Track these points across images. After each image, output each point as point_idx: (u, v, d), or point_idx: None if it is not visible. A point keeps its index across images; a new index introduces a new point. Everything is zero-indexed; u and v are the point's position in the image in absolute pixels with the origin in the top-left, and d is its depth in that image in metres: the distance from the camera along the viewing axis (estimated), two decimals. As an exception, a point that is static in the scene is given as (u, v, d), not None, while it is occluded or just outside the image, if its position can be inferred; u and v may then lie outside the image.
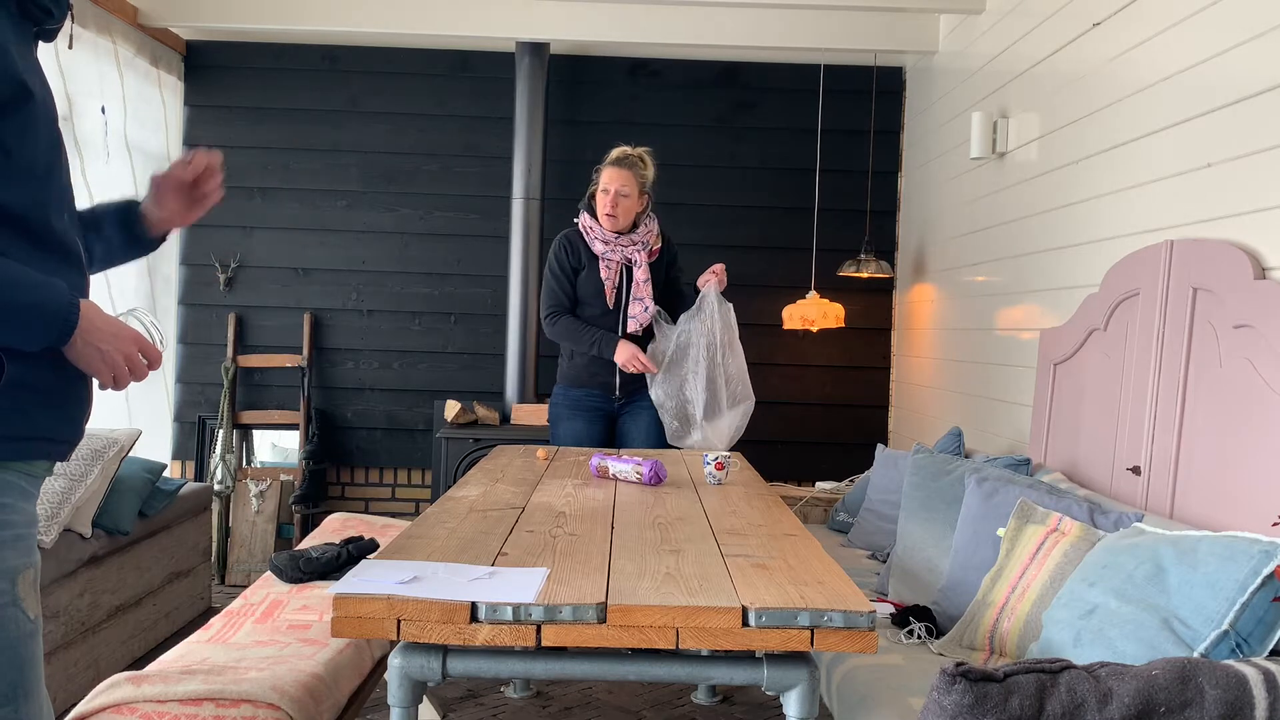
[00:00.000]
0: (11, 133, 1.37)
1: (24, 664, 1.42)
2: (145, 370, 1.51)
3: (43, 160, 1.42)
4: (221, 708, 2.00)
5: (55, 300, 1.38)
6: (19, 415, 1.40)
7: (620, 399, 3.83)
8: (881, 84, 5.39)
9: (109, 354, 1.45)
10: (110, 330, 1.45)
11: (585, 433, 3.84)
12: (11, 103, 1.37)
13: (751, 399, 3.68)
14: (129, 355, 1.48)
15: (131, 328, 1.50)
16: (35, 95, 1.41)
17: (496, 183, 5.36)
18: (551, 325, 3.79)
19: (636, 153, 3.73)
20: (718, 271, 3.78)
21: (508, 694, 3.44)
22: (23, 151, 1.39)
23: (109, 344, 1.45)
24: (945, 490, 2.94)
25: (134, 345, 1.48)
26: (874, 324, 5.48)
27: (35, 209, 1.41)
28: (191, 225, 5.36)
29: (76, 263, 1.50)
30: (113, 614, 3.45)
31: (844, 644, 1.69)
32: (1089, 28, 3.27)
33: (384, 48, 5.37)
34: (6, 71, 1.36)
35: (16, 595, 1.41)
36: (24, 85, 1.38)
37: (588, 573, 1.89)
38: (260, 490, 5.17)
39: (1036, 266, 3.63)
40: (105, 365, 1.45)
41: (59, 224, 1.46)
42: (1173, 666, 1.48)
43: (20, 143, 1.38)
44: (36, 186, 1.42)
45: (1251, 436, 2.31)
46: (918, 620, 2.53)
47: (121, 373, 1.48)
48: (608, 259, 3.74)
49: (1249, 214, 2.41)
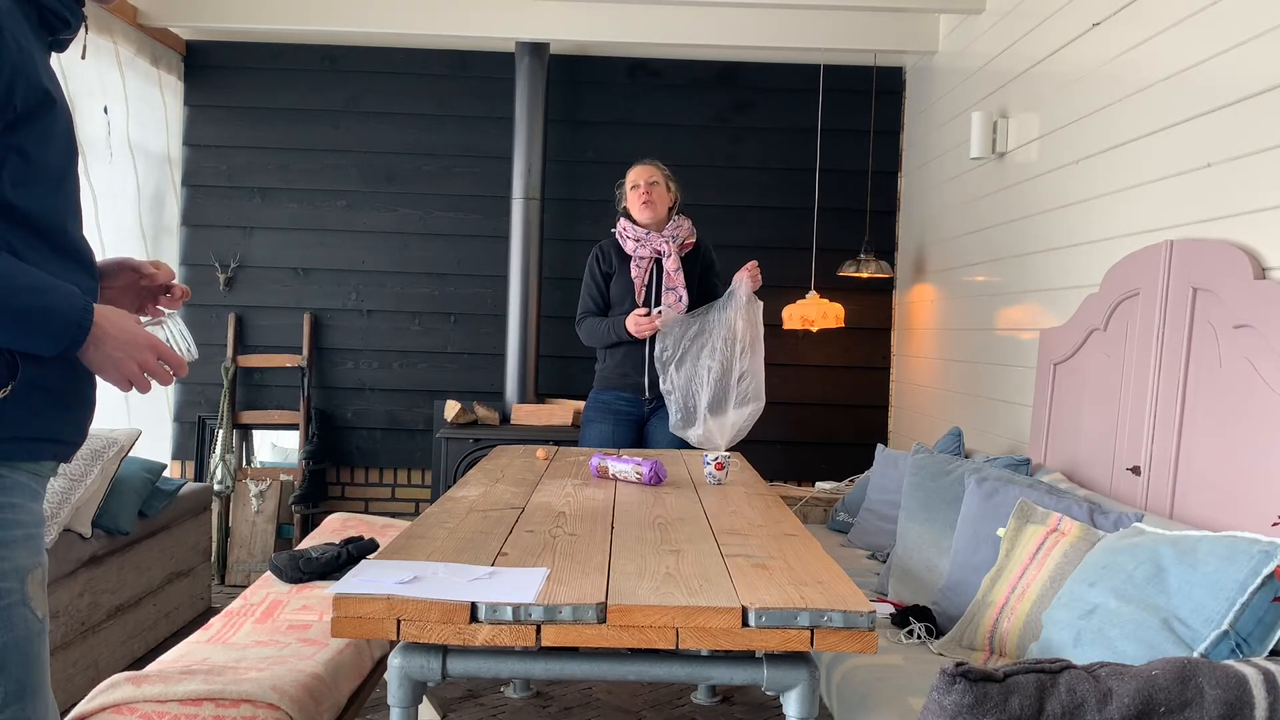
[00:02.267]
0: (33, 140, 1.39)
1: (32, 662, 1.43)
2: (168, 376, 1.50)
3: (60, 166, 1.45)
4: (221, 708, 2.00)
5: (69, 305, 1.39)
6: (30, 416, 1.41)
7: (650, 400, 3.83)
8: (881, 84, 5.38)
9: (123, 361, 1.45)
10: (125, 337, 1.45)
11: (610, 435, 3.85)
12: (35, 111, 1.39)
13: (762, 401, 3.64)
14: (145, 362, 1.47)
15: (149, 333, 1.49)
16: (57, 103, 1.43)
17: (496, 183, 5.35)
18: (579, 327, 3.91)
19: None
20: (751, 269, 3.77)
21: (508, 694, 3.44)
22: (42, 158, 1.41)
23: (123, 351, 1.44)
24: (945, 490, 2.94)
25: (150, 352, 1.48)
26: (874, 324, 5.48)
27: (52, 214, 1.43)
28: (192, 225, 5.38)
29: (89, 268, 1.51)
30: (113, 614, 3.45)
31: (844, 644, 1.69)
32: (1089, 28, 3.27)
33: (384, 48, 5.37)
34: (31, 81, 1.38)
35: (26, 595, 1.42)
36: (48, 94, 1.41)
37: (588, 573, 1.89)
38: (260, 490, 5.17)
39: (1036, 266, 3.63)
40: (119, 372, 1.46)
41: (74, 229, 1.48)
42: (1172, 666, 1.48)
43: (41, 150, 1.40)
44: (54, 192, 1.44)
45: (1251, 436, 2.31)
46: (918, 620, 2.53)
47: (138, 380, 1.47)
48: (639, 257, 3.81)
49: (1249, 214, 2.41)
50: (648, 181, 3.79)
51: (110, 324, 1.44)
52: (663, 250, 3.80)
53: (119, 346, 1.44)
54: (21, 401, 1.40)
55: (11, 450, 1.41)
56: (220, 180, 5.38)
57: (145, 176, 4.94)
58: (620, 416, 3.85)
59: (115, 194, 4.61)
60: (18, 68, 1.37)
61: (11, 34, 1.36)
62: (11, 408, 1.39)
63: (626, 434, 3.86)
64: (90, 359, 1.44)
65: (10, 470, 1.41)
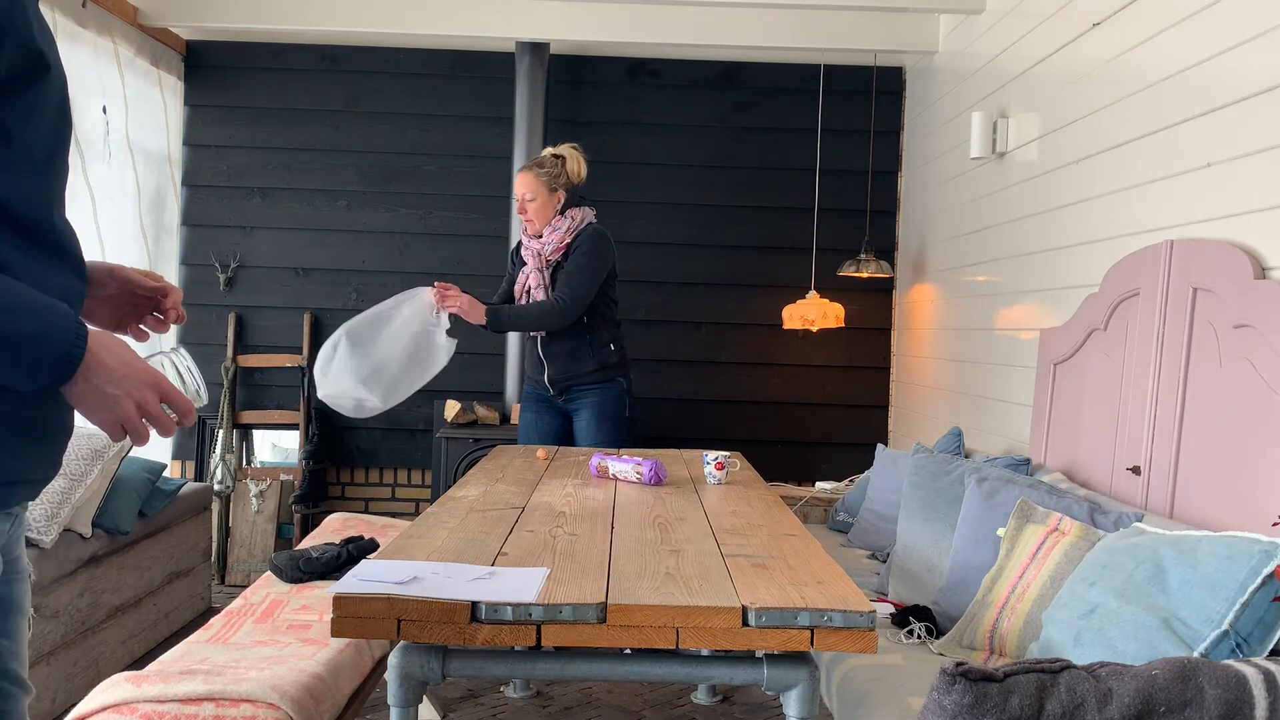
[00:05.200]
0: (16, 114, 1.12)
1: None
2: (169, 424, 1.21)
3: (45, 146, 1.18)
4: (221, 708, 2.00)
5: (58, 329, 1.11)
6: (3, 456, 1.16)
7: (558, 395, 3.81)
8: (881, 84, 5.38)
9: (119, 400, 1.16)
10: (122, 370, 1.16)
11: (535, 423, 3.88)
12: (23, 76, 1.12)
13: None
14: (145, 401, 1.18)
15: (151, 368, 1.20)
16: (51, 69, 1.16)
17: (496, 183, 5.36)
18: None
19: (550, 154, 3.72)
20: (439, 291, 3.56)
21: (508, 694, 3.44)
22: (25, 136, 1.14)
23: (120, 387, 1.15)
24: (945, 490, 2.94)
25: (151, 390, 1.18)
26: (874, 324, 5.48)
27: (35, 204, 1.17)
28: (192, 225, 5.38)
29: (75, 265, 1.24)
30: (113, 614, 3.45)
31: (844, 644, 1.69)
32: (1088, 28, 3.27)
33: (384, 48, 5.37)
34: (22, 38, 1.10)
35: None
36: (41, 56, 1.13)
37: (588, 573, 1.89)
38: (260, 490, 5.17)
39: (1036, 266, 3.63)
40: (112, 413, 1.16)
41: (59, 219, 1.22)
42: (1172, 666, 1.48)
43: (24, 126, 1.14)
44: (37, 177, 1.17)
45: (1251, 436, 2.31)
46: (918, 620, 2.53)
47: (133, 424, 1.17)
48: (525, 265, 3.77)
49: (1249, 214, 2.41)
50: (523, 198, 3.66)
51: (106, 352, 1.15)
52: (530, 264, 3.72)
53: (115, 381, 1.15)
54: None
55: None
56: (220, 180, 5.38)
57: (145, 176, 4.94)
58: (542, 405, 3.88)
59: (115, 194, 4.60)
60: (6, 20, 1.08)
61: None
62: None
63: (552, 421, 3.87)
64: (77, 394, 1.15)
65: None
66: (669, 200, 5.45)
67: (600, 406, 3.75)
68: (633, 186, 5.42)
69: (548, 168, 3.67)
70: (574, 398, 3.79)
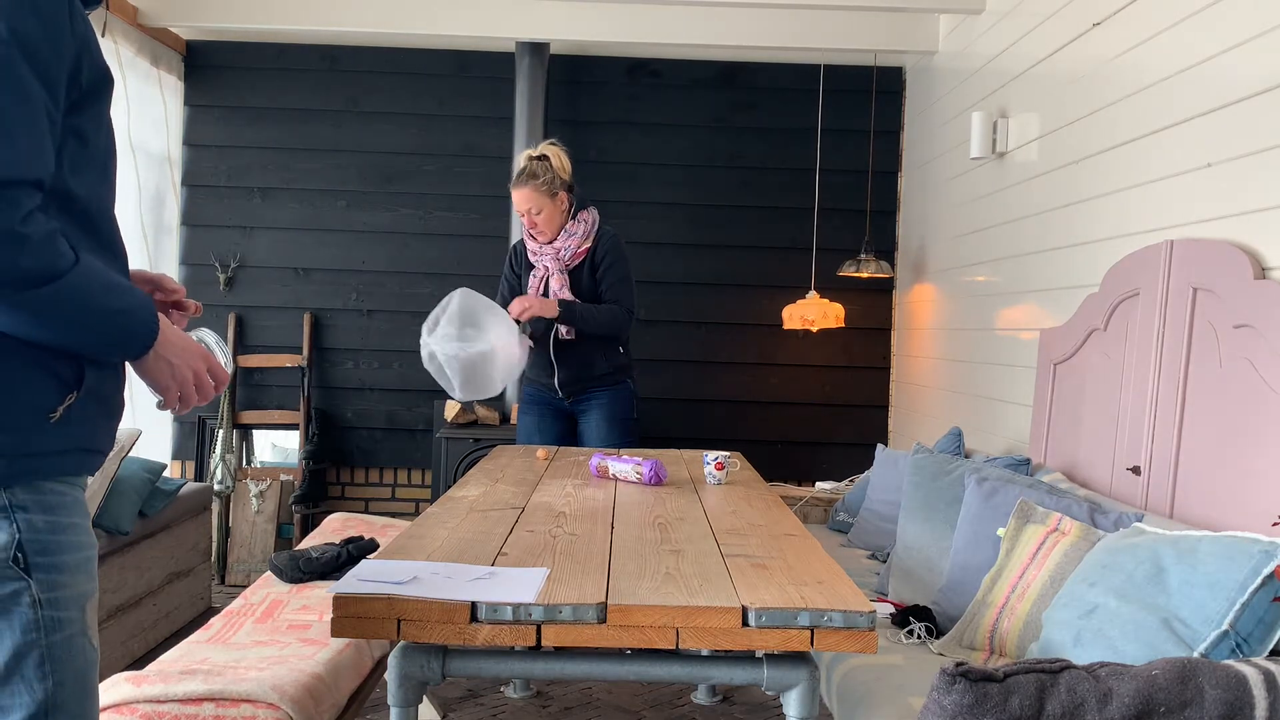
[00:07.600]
0: (90, 121, 1.29)
1: (89, 694, 1.35)
2: (211, 390, 1.42)
3: (106, 150, 1.35)
4: (221, 708, 2.00)
5: (143, 307, 1.30)
6: (88, 427, 1.32)
7: (568, 396, 3.77)
8: (881, 84, 5.38)
9: (179, 369, 1.37)
10: (181, 344, 1.38)
11: (538, 426, 3.83)
12: (95, 90, 1.29)
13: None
14: (198, 372, 1.40)
15: (196, 343, 1.43)
16: (110, 83, 1.33)
17: (496, 183, 5.35)
18: None
19: (533, 159, 3.62)
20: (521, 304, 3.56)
21: (508, 694, 3.44)
22: (96, 141, 1.31)
23: (180, 358, 1.37)
24: (945, 490, 2.94)
25: (202, 362, 1.41)
26: (874, 324, 5.48)
27: (101, 203, 1.34)
28: (192, 225, 5.38)
29: (124, 261, 1.40)
30: (113, 614, 3.45)
31: (844, 644, 1.69)
32: (1089, 28, 3.27)
33: (384, 48, 5.37)
34: (95, 57, 1.27)
35: (85, 624, 1.34)
36: (107, 72, 1.31)
37: (588, 573, 1.89)
38: (260, 490, 5.17)
39: (1036, 266, 3.63)
40: (174, 381, 1.37)
41: (115, 219, 1.38)
42: (1173, 666, 1.48)
43: (96, 132, 1.31)
44: (102, 179, 1.34)
45: (1251, 436, 2.31)
46: (918, 620, 2.53)
47: (189, 391, 1.39)
48: (537, 267, 3.71)
49: (1249, 214, 2.41)
50: (529, 212, 3.60)
51: (168, 329, 1.36)
52: (550, 268, 3.67)
53: (177, 354, 1.36)
54: (81, 412, 1.30)
55: (73, 462, 1.30)
56: (220, 180, 5.38)
57: (145, 176, 4.94)
58: (545, 408, 3.84)
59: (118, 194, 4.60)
60: (86, 41, 1.25)
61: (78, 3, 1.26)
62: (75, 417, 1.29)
63: (554, 424, 3.83)
64: (148, 365, 1.35)
65: (70, 487, 1.31)
66: (669, 200, 5.45)
67: (609, 408, 3.75)
68: (633, 186, 5.42)
69: (541, 176, 3.58)
70: (582, 400, 3.78)
